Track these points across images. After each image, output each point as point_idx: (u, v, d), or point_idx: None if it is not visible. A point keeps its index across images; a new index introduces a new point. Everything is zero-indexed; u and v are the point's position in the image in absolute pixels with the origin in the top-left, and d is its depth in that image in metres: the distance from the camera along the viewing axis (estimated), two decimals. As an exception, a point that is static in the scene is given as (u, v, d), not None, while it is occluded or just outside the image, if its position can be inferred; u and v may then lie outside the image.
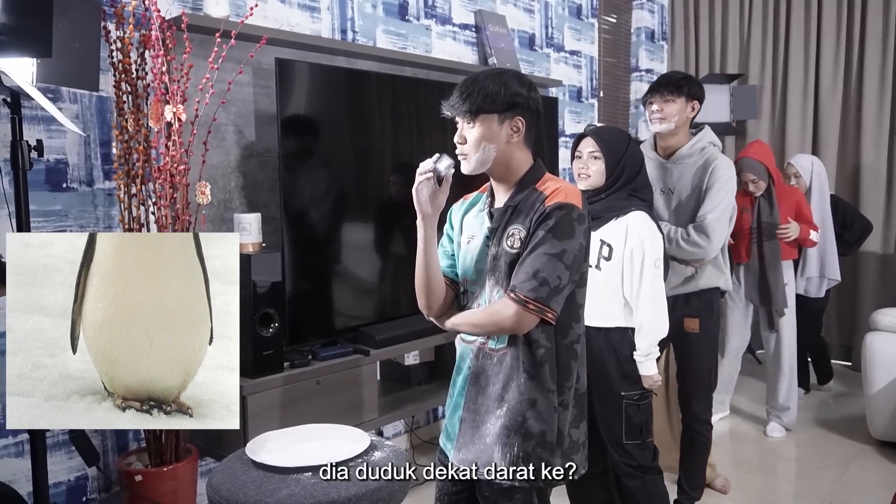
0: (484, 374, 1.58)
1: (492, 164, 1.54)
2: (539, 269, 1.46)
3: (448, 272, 1.67)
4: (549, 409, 1.53)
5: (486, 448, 1.55)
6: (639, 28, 5.11)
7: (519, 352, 1.53)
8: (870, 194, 4.75)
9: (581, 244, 1.51)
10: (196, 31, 2.37)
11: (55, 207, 2.28)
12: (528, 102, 1.54)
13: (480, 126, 1.51)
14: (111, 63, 2.19)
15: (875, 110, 4.72)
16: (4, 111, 1.94)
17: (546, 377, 1.53)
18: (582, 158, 2.22)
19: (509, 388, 1.54)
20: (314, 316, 2.65)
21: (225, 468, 1.79)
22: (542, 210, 1.50)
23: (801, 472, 3.28)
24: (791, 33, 4.95)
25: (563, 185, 1.56)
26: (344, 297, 2.79)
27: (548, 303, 1.46)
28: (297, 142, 2.57)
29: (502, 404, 1.54)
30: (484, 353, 1.58)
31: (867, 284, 4.79)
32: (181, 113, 2.17)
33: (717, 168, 2.50)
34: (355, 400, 2.56)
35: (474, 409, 1.59)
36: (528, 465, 1.52)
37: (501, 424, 1.53)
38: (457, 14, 3.65)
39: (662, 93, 2.51)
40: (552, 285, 1.46)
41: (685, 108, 2.52)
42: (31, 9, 1.69)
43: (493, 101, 1.50)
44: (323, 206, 2.68)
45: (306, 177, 2.62)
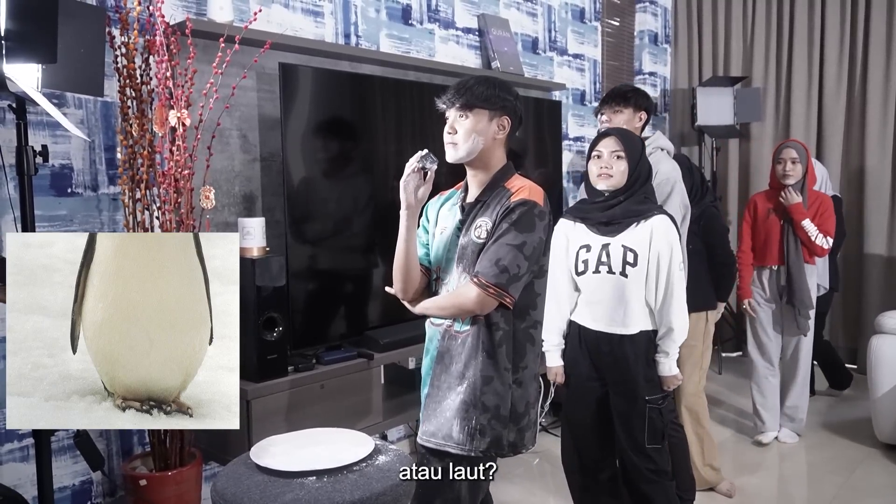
0: (448, 353, 1.73)
1: (474, 157, 1.70)
2: (501, 258, 1.61)
3: (423, 259, 1.82)
4: (504, 386, 1.68)
5: (446, 422, 1.71)
6: (642, 31, 5.11)
7: (480, 334, 1.68)
8: (874, 197, 4.73)
9: (541, 238, 1.66)
10: (200, 36, 2.38)
11: (60, 212, 2.29)
12: (515, 108, 1.73)
13: (473, 119, 1.68)
14: (116, 68, 2.20)
15: (879, 112, 4.71)
16: (10, 117, 1.95)
17: (503, 356, 1.68)
18: (602, 158, 2.18)
19: (470, 367, 1.69)
20: (318, 320, 2.65)
21: (229, 472, 1.79)
22: (507, 205, 1.66)
23: (806, 475, 3.26)
24: (795, 35, 4.95)
25: (529, 184, 1.72)
26: (348, 302, 2.79)
27: (506, 288, 1.61)
28: (301, 146, 2.57)
29: (463, 381, 1.70)
30: (450, 335, 1.74)
31: (872, 287, 4.77)
32: (185, 118, 2.18)
33: (660, 172, 2.53)
34: (359, 404, 2.56)
35: (437, 385, 1.75)
36: (483, 436, 1.68)
37: (461, 400, 1.69)
38: (460, 18, 3.66)
39: (611, 104, 2.65)
40: (511, 273, 1.61)
41: (633, 119, 2.63)
42: (37, 15, 1.70)
43: (487, 98, 1.68)
44: (327, 210, 2.69)
45: (310, 181, 2.62)
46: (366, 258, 2.85)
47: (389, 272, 2.90)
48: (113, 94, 2.30)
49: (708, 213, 2.96)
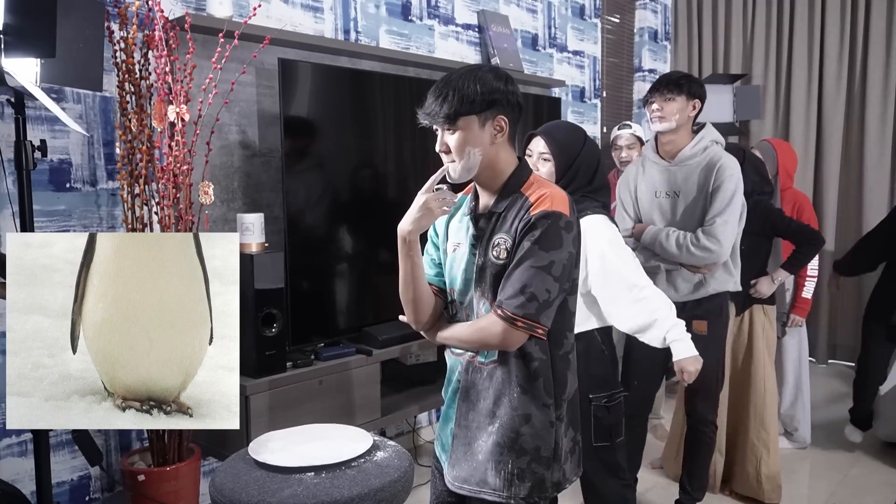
0: (474, 388, 1.52)
1: (479, 170, 1.46)
2: (527, 284, 1.38)
3: (435, 280, 1.60)
4: (545, 424, 1.47)
5: (479, 465, 1.49)
6: (642, 28, 5.10)
7: (511, 366, 1.46)
8: (873, 194, 4.74)
9: (570, 253, 1.43)
10: (199, 31, 2.38)
11: (59, 207, 2.28)
12: (508, 97, 1.44)
13: (461, 131, 1.42)
14: (115, 63, 2.20)
15: (879, 110, 4.71)
16: (8, 111, 1.95)
17: (541, 390, 1.46)
18: (532, 159, 2.03)
19: (501, 404, 1.47)
20: (317, 316, 2.65)
21: (227, 468, 1.79)
22: (528, 219, 1.41)
23: (804, 473, 3.27)
24: (795, 33, 4.95)
25: (550, 189, 1.46)
26: (346, 298, 2.79)
27: (537, 318, 1.39)
28: (300, 142, 2.57)
29: (494, 420, 1.48)
30: (473, 367, 1.52)
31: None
32: (184, 113, 2.17)
33: (722, 167, 2.46)
34: (358, 400, 2.56)
35: (465, 425, 1.53)
36: (523, 481, 1.46)
37: (493, 441, 1.48)
38: (460, 14, 3.65)
39: (662, 92, 2.48)
40: (541, 300, 1.39)
41: (686, 107, 2.48)
42: (36, 9, 1.70)
43: (471, 101, 1.40)
44: (325, 206, 2.69)
45: (309, 177, 2.62)
46: (365, 254, 2.85)
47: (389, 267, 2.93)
48: (112, 89, 2.29)
49: (763, 207, 2.86)
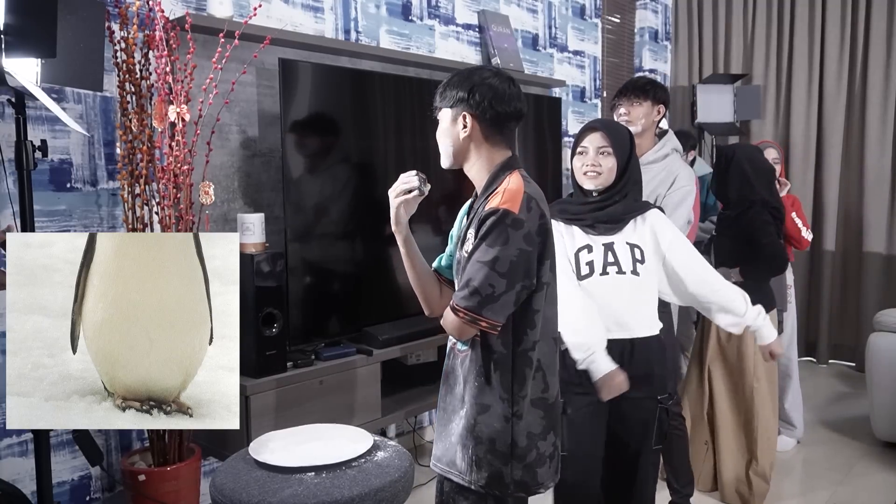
0: (453, 373, 1.61)
1: (453, 160, 1.58)
2: (471, 278, 1.44)
3: (447, 273, 1.71)
4: (500, 418, 1.51)
5: (451, 447, 1.58)
6: (642, 28, 5.10)
7: (477, 355, 1.53)
8: (874, 195, 4.74)
9: (521, 249, 1.44)
10: (200, 31, 2.38)
11: (59, 207, 2.29)
12: (469, 101, 1.50)
13: (441, 121, 1.58)
14: (115, 63, 2.20)
15: (879, 110, 4.71)
16: (9, 111, 1.95)
17: (497, 384, 1.51)
18: (588, 154, 2.01)
19: (467, 390, 1.55)
20: (317, 316, 2.65)
21: (228, 468, 1.79)
22: (481, 215, 1.48)
23: (804, 473, 3.27)
24: (795, 33, 4.95)
25: (505, 187, 1.49)
26: (347, 297, 2.79)
27: (479, 311, 1.43)
28: (301, 142, 2.57)
29: (463, 405, 1.57)
30: (454, 354, 1.62)
31: (871, 285, 4.78)
32: (185, 113, 2.17)
33: (678, 178, 2.49)
34: (358, 400, 2.56)
35: (443, 407, 1.64)
36: (480, 469, 1.52)
37: (462, 425, 1.56)
38: (460, 14, 3.65)
39: (629, 96, 2.55)
40: (483, 294, 1.42)
41: (651, 112, 2.55)
42: (36, 9, 1.70)
43: (442, 95, 1.56)
44: (326, 206, 2.69)
45: (309, 177, 2.62)
46: (365, 254, 2.85)
47: (389, 267, 2.93)
48: (112, 89, 2.29)
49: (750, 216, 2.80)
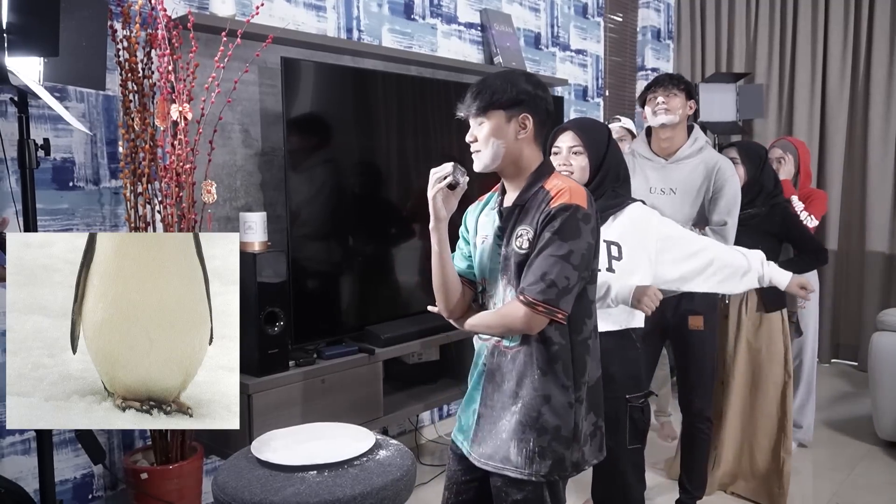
0: (499, 371, 1.61)
1: (501, 161, 1.58)
2: (546, 272, 1.49)
3: (467, 273, 1.72)
4: (565, 405, 1.56)
5: (503, 444, 1.58)
6: (645, 27, 5.10)
7: (533, 349, 1.56)
8: (877, 193, 4.73)
9: (589, 243, 1.53)
10: (202, 30, 2.38)
11: (62, 206, 2.29)
12: (535, 100, 1.57)
13: (489, 122, 1.56)
14: (118, 62, 2.20)
15: (882, 109, 4.70)
16: (12, 110, 1.95)
17: (560, 373, 1.56)
18: (561, 154, 2.05)
19: (523, 385, 1.57)
20: (319, 315, 2.65)
21: (230, 466, 1.79)
22: (548, 211, 1.52)
23: (807, 472, 3.26)
24: (798, 32, 4.93)
25: (569, 184, 1.57)
26: (349, 296, 2.80)
27: (557, 304, 1.49)
28: (303, 141, 2.57)
29: (517, 401, 1.58)
30: (499, 351, 1.62)
31: (873, 284, 4.77)
32: (187, 112, 2.17)
33: (722, 169, 2.51)
34: (360, 399, 2.56)
35: (490, 405, 1.63)
36: (543, 459, 1.55)
37: (517, 420, 1.57)
38: (462, 13, 3.65)
39: (667, 85, 2.55)
40: (560, 286, 1.49)
41: (685, 105, 2.57)
42: (39, 8, 1.70)
43: (500, 97, 1.55)
44: (328, 204, 2.69)
45: (312, 175, 2.62)
46: (367, 253, 2.85)
47: (391, 266, 2.94)
48: (115, 88, 2.30)
49: (783, 209, 2.82)
